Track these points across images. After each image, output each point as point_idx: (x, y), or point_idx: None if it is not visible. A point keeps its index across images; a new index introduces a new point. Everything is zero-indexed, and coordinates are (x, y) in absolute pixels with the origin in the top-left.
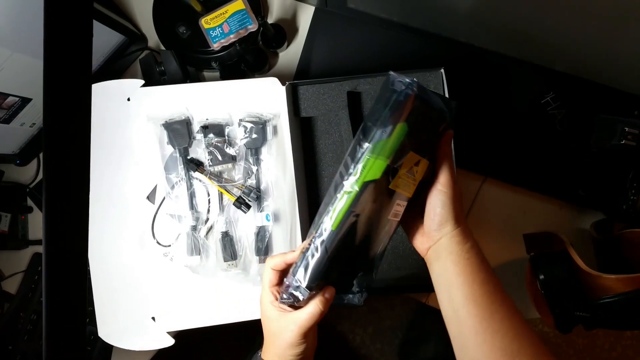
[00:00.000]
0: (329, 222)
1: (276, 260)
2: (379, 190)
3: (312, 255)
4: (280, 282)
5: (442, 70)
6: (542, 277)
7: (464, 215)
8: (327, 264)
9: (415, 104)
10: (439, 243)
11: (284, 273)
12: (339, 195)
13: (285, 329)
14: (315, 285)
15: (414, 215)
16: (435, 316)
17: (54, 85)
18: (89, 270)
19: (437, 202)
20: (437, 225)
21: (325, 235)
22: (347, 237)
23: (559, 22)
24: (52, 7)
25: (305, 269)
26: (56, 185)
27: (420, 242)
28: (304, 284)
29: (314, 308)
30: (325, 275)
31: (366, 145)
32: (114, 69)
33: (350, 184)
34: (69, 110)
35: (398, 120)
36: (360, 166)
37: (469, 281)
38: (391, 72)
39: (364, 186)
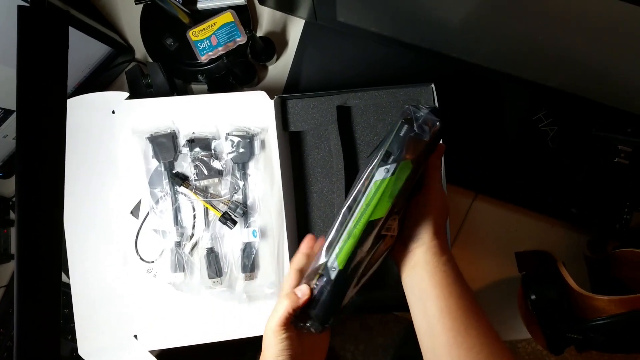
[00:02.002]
0: (334, 261)
1: (297, 260)
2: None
3: (321, 293)
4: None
5: (433, 86)
6: (533, 297)
7: (444, 230)
8: (337, 300)
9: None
10: (415, 253)
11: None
12: (344, 235)
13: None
14: (330, 322)
15: None
16: None
17: (27, 98)
18: (70, 286)
19: (419, 213)
20: (416, 235)
21: (333, 274)
22: (352, 273)
23: (552, 39)
24: (26, 20)
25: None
26: (29, 199)
27: (397, 251)
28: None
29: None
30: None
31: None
32: (101, 81)
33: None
34: (42, 123)
35: (410, 157)
36: (370, 204)
37: (445, 294)
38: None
39: (370, 224)
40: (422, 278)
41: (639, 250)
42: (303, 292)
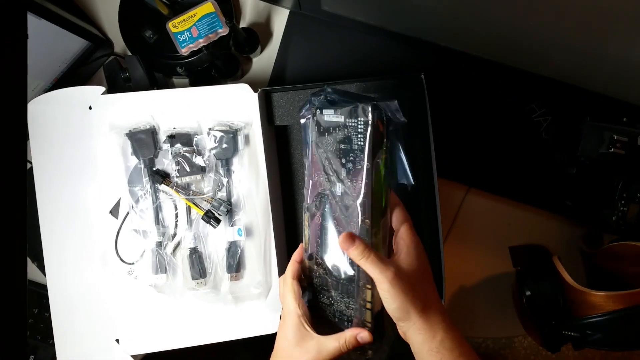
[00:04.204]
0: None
1: (294, 268)
2: None
3: None
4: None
5: (423, 76)
6: (528, 293)
7: (425, 303)
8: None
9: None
10: (407, 333)
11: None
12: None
13: (303, 355)
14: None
15: None
16: None
17: None
18: (47, 288)
19: (384, 300)
20: (396, 321)
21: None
22: None
23: (544, 26)
24: None
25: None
26: None
27: (398, 328)
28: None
29: (342, 342)
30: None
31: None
32: (79, 76)
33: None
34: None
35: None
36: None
37: None
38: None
39: None
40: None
41: (635, 244)
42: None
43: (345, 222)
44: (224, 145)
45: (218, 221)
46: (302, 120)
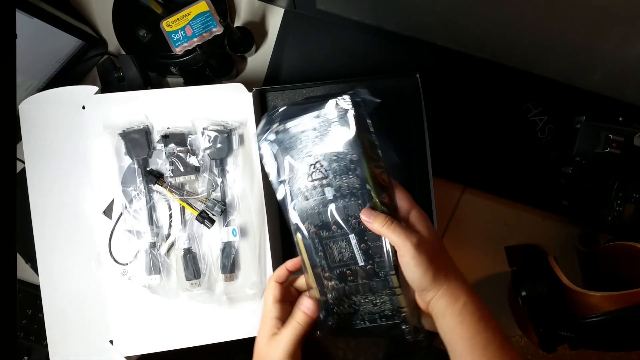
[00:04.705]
0: None
1: (279, 272)
2: None
3: None
4: (284, 298)
5: (418, 76)
6: (524, 293)
7: (447, 270)
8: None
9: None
10: (430, 305)
11: (287, 288)
12: None
13: (271, 354)
14: None
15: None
16: None
17: None
18: (40, 289)
19: (408, 270)
20: (420, 290)
21: None
22: None
23: (540, 25)
24: None
25: None
26: None
27: (419, 301)
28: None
29: (292, 323)
30: None
31: None
32: (73, 76)
33: None
34: None
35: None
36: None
37: (469, 348)
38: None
39: None
40: (445, 331)
41: (632, 244)
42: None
43: (345, 224)
44: (218, 145)
45: (212, 221)
46: (264, 144)
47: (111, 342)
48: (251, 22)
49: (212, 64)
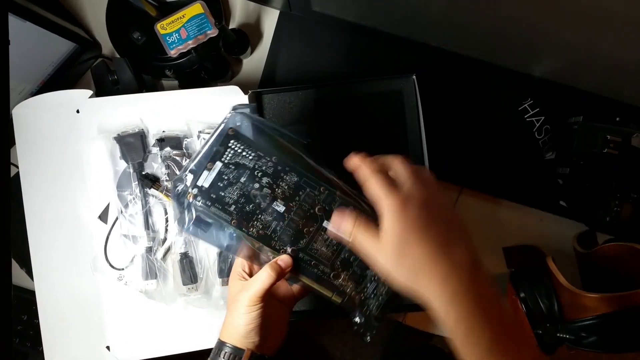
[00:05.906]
0: None
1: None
2: None
3: None
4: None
5: (414, 77)
6: (522, 294)
7: (416, 272)
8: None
9: None
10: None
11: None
12: None
13: (237, 299)
14: None
15: None
16: (412, 335)
17: None
18: (35, 294)
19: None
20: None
21: None
22: None
23: (537, 25)
24: None
25: None
26: None
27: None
28: None
29: (263, 274)
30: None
31: None
32: (67, 79)
33: None
34: None
35: None
36: None
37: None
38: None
39: None
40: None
41: (630, 244)
42: (285, 262)
43: (314, 217)
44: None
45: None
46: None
47: (108, 347)
48: (246, 24)
49: (207, 67)
